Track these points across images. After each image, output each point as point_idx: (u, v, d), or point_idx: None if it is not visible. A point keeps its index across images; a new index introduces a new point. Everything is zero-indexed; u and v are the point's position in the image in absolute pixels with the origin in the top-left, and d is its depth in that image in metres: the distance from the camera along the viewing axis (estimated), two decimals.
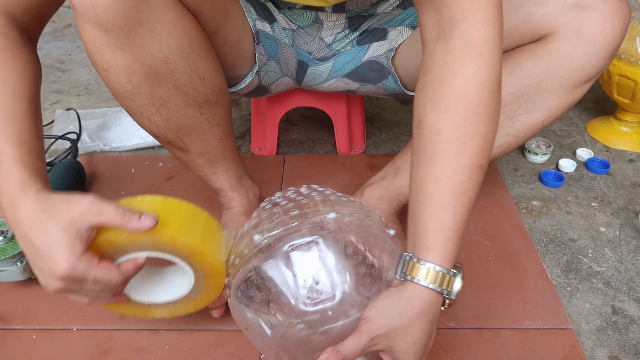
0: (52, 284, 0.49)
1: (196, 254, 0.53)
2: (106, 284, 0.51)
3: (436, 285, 0.49)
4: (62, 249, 0.47)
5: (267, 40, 0.77)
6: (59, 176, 0.88)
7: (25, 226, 0.48)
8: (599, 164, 1.03)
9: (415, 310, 0.49)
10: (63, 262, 0.47)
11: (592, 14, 0.62)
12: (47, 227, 0.48)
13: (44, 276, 0.50)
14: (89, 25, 0.53)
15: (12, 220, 0.49)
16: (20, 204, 0.49)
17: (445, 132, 0.50)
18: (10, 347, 0.67)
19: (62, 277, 0.48)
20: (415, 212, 0.52)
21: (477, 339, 0.68)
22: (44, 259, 0.48)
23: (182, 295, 0.59)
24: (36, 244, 0.48)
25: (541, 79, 0.67)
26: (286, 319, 0.52)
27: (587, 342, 0.70)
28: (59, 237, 0.47)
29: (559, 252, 0.84)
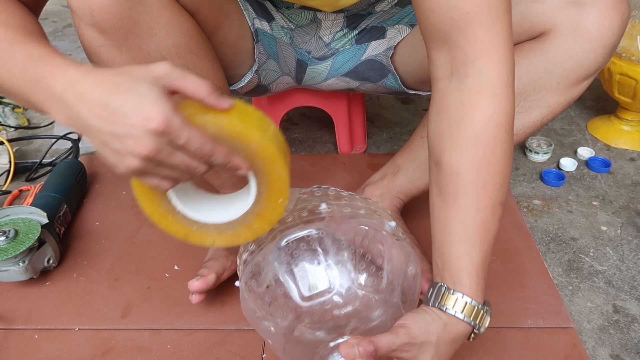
0: (130, 161, 0.43)
1: (267, 156, 0.48)
2: (195, 152, 0.44)
3: (470, 320, 0.52)
4: (154, 100, 0.41)
5: (266, 38, 0.77)
6: (60, 176, 0.88)
7: (96, 93, 0.42)
8: (600, 163, 1.03)
9: (450, 336, 0.52)
10: (157, 114, 0.41)
11: (590, 10, 0.62)
12: (129, 84, 0.42)
13: (124, 146, 0.42)
14: (86, 27, 0.53)
15: (75, 97, 0.42)
16: (82, 77, 0.43)
17: (466, 173, 0.53)
18: (12, 347, 0.67)
19: (155, 133, 0.41)
20: (442, 250, 0.55)
21: (479, 338, 0.68)
22: (129, 118, 0.41)
23: (242, 213, 0.53)
24: (116, 106, 0.41)
25: (539, 77, 0.67)
26: (287, 315, 0.52)
27: (589, 341, 0.70)
28: (148, 90, 0.41)
29: (560, 251, 0.84)
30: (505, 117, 0.53)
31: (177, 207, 0.52)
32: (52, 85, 0.44)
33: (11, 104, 1.21)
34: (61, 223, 0.81)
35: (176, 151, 0.44)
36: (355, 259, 0.54)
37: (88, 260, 0.80)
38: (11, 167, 0.97)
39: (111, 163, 0.45)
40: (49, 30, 1.66)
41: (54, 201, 0.81)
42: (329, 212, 0.55)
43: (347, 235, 0.55)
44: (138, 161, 0.43)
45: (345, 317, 0.52)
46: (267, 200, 0.51)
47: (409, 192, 0.78)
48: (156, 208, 0.52)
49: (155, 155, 0.43)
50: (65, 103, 0.43)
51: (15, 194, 0.93)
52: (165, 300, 0.73)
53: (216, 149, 0.45)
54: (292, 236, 0.54)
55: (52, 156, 1.04)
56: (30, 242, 0.70)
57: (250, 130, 0.46)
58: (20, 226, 0.73)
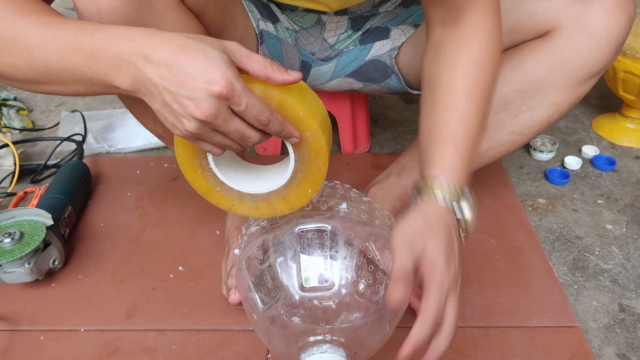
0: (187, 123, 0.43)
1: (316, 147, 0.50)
2: (254, 118, 0.44)
3: (445, 194, 0.53)
4: (219, 64, 0.42)
5: (270, 40, 0.77)
6: (65, 177, 0.88)
7: (163, 54, 0.42)
8: (605, 161, 1.02)
9: (430, 216, 0.53)
10: (221, 78, 0.42)
11: (596, 8, 0.62)
12: (197, 46, 0.42)
13: (184, 108, 0.43)
14: None
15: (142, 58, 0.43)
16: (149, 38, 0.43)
17: (459, 88, 0.57)
18: (18, 348, 0.67)
19: (217, 97, 0.42)
20: (427, 149, 0.57)
21: (484, 338, 0.68)
22: (193, 80, 0.42)
23: (269, 190, 0.54)
24: (181, 66, 0.42)
25: (545, 75, 0.66)
26: (280, 299, 0.53)
27: (595, 340, 0.69)
28: (216, 54, 0.42)
29: (566, 249, 0.84)
30: (497, 53, 0.59)
31: (210, 164, 0.53)
32: (116, 51, 0.44)
33: (16, 107, 1.22)
34: (66, 224, 0.81)
35: (234, 117, 0.44)
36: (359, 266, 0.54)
37: (93, 261, 0.80)
38: (16, 169, 0.98)
39: (169, 125, 0.45)
40: None
41: (58, 203, 0.82)
42: (348, 213, 0.56)
43: (358, 240, 0.55)
44: (195, 124, 0.43)
45: (334, 315, 0.52)
46: (298, 187, 0.52)
47: None
48: (190, 159, 0.53)
49: (212, 120, 0.43)
50: (132, 65, 0.43)
51: (20, 196, 0.93)
52: (170, 301, 0.73)
53: (274, 116, 0.46)
54: (307, 226, 0.54)
55: (57, 158, 1.04)
56: (36, 244, 0.71)
57: (310, 117, 0.47)
58: (25, 228, 0.73)
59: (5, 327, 0.70)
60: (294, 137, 0.48)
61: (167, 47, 0.43)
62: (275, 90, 0.46)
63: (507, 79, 0.68)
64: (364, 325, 0.53)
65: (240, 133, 0.45)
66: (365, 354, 0.57)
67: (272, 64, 0.45)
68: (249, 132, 0.46)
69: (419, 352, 0.50)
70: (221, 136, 0.46)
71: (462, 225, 0.55)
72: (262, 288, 0.54)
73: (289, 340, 0.54)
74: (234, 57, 0.45)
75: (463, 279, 0.76)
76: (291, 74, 0.46)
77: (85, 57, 0.45)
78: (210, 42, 0.44)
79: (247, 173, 0.57)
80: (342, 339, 0.53)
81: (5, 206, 0.93)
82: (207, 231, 0.85)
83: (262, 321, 0.55)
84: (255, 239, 0.57)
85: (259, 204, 0.55)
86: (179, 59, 0.42)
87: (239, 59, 0.45)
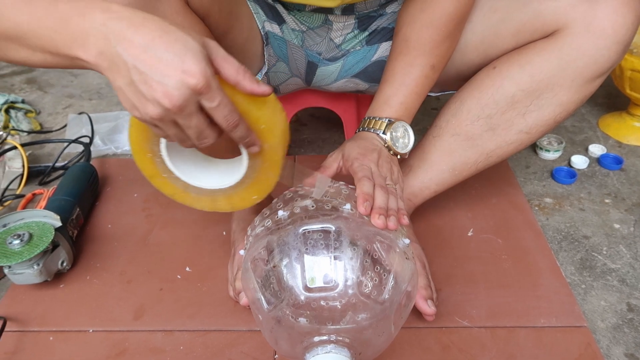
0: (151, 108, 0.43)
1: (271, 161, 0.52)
2: (223, 117, 0.45)
3: (365, 125, 0.69)
4: (200, 58, 0.42)
5: (276, 41, 0.77)
6: (72, 179, 0.89)
7: (141, 34, 0.41)
8: (612, 160, 1.02)
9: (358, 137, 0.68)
10: (199, 71, 0.41)
11: (603, 6, 0.61)
12: (178, 35, 0.42)
13: (151, 92, 0.42)
14: None
15: (115, 32, 0.42)
16: (128, 14, 0.42)
17: (412, 40, 0.69)
18: (27, 349, 0.68)
19: (191, 89, 0.42)
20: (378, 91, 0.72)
21: (491, 338, 0.68)
22: (168, 66, 0.41)
23: (238, 179, 0.55)
24: (158, 50, 0.41)
25: (552, 75, 0.66)
26: (285, 299, 0.53)
27: (603, 340, 0.69)
28: (196, 46, 0.42)
29: (573, 249, 0.83)
30: (461, 15, 0.68)
31: (162, 152, 0.52)
32: (90, 18, 0.42)
33: (24, 109, 1.23)
34: (74, 226, 0.82)
35: (199, 113, 0.44)
36: (364, 266, 0.54)
37: (101, 262, 0.81)
38: (24, 171, 0.99)
39: (127, 105, 0.44)
40: None
41: (66, 204, 0.82)
42: (352, 214, 0.56)
43: (363, 241, 0.55)
44: (159, 110, 0.43)
45: (340, 316, 0.53)
46: (244, 191, 0.54)
47: (420, 194, 0.77)
48: (142, 141, 0.52)
49: (178, 110, 0.43)
50: (102, 36, 0.42)
51: (28, 198, 0.94)
52: (177, 302, 0.74)
53: (242, 120, 0.46)
54: (311, 226, 0.54)
55: (65, 160, 1.05)
56: (44, 245, 0.71)
57: (270, 132, 0.49)
58: (34, 229, 0.74)
59: (15, 328, 0.71)
60: (255, 147, 0.49)
61: (145, 28, 0.42)
62: (241, 98, 0.46)
63: (514, 78, 0.68)
64: (369, 325, 0.53)
65: (200, 130, 0.45)
66: (370, 355, 0.57)
67: (245, 71, 0.45)
68: (207, 132, 0.46)
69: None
70: (178, 129, 0.45)
71: (392, 149, 0.67)
72: (268, 288, 0.55)
73: (294, 340, 0.54)
74: (211, 54, 0.44)
75: (469, 278, 0.76)
76: (261, 86, 0.46)
77: (56, 21, 0.44)
78: (192, 33, 0.43)
79: (197, 164, 0.56)
80: (347, 339, 0.53)
81: (14, 208, 0.94)
82: (213, 232, 0.85)
83: (268, 321, 0.55)
84: (260, 240, 0.57)
85: (202, 198, 0.55)
86: (157, 42, 0.41)
87: (214, 58, 0.44)
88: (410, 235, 0.77)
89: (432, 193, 0.78)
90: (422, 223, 0.85)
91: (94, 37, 0.42)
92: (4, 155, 1.01)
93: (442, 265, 0.78)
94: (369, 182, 0.59)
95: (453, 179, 0.76)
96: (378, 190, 0.58)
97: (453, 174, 0.76)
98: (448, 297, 0.73)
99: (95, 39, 0.42)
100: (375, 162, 0.63)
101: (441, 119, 0.75)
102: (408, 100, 0.69)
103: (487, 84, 0.70)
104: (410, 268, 0.56)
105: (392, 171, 0.65)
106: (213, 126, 0.46)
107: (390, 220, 0.55)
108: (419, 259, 0.73)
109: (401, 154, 0.68)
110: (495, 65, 0.71)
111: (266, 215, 0.60)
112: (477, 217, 0.88)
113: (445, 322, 0.70)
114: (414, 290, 0.57)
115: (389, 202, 0.58)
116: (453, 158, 0.75)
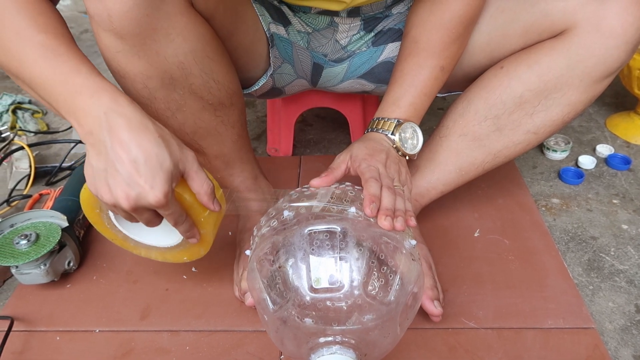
0: (114, 199, 0.50)
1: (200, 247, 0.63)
2: (172, 220, 0.55)
3: (374, 126, 0.68)
4: (167, 179, 0.50)
5: (281, 43, 0.77)
6: (79, 180, 0.89)
7: (131, 138, 0.48)
8: (620, 160, 1.01)
9: (366, 138, 0.67)
10: (161, 195, 0.49)
11: (612, 6, 0.61)
12: (161, 153, 0.49)
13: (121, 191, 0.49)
14: (104, 33, 0.53)
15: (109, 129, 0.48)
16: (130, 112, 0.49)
17: (422, 42, 0.68)
18: (34, 349, 0.68)
19: (150, 204, 0.50)
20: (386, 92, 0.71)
21: (498, 339, 0.68)
22: (142, 180, 0.49)
23: (173, 244, 0.64)
24: (140, 163, 0.48)
25: (561, 74, 0.66)
26: (291, 300, 0.53)
27: (611, 342, 0.68)
28: (169, 169, 0.50)
29: (580, 250, 0.83)
30: (470, 17, 0.68)
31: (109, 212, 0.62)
32: (96, 101, 0.49)
33: (31, 110, 1.23)
34: (81, 226, 0.82)
35: (150, 210, 0.53)
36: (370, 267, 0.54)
37: (107, 262, 0.81)
38: (31, 172, 0.99)
39: (90, 181, 0.51)
40: None
41: (73, 205, 0.82)
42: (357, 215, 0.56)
43: (369, 241, 0.55)
44: (114, 203, 0.51)
45: (345, 317, 0.52)
46: (177, 253, 0.65)
47: (426, 194, 0.77)
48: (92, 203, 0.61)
49: (131, 210, 0.51)
50: (99, 122, 0.48)
51: (35, 198, 0.94)
52: (183, 302, 0.74)
53: (187, 220, 0.57)
54: (317, 227, 0.54)
55: (71, 160, 1.05)
56: (51, 245, 0.72)
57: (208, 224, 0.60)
58: (41, 230, 0.74)
59: (22, 328, 0.71)
60: (194, 239, 0.60)
61: (138, 136, 0.48)
62: (198, 207, 0.57)
63: (522, 78, 0.68)
64: (374, 327, 0.53)
65: (148, 220, 0.55)
66: (376, 356, 0.56)
67: (208, 188, 0.55)
68: (155, 221, 0.55)
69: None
70: (127, 214, 0.54)
71: (401, 150, 0.66)
72: (273, 289, 0.55)
73: (299, 341, 0.54)
74: (185, 167, 0.53)
75: (476, 279, 0.76)
76: (214, 205, 0.56)
77: (67, 92, 0.49)
78: (173, 149, 0.51)
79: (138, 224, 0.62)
80: (353, 340, 0.53)
81: (21, 208, 0.94)
82: (219, 233, 0.84)
83: (273, 322, 0.55)
84: (266, 240, 0.57)
85: (139, 248, 0.66)
86: (140, 153, 0.48)
87: (188, 170, 0.53)
88: (417, 236, 0.76)
89: (438, 193, 0.77)
90: (428, 223, 0.85)
91: (92, 118, 0.49)
92: (12, 156, 1.02)
93: (448, 266, 0.78)
94: (376, 183, 0.58)
95: (460, 179, 0.76)
96: (385, 191, 0.58)
97: (460, 174, 0.75)
98: (454, 298, 0.73)
99: (92, 121, 0.49)
100: (383, 163, 0.62)
101: (448, 119, 0.75)
102: (417, 102, 0.68)
103: (494, 84, 0.70)
104: (417, 269, 0.56)
105: (400, 172, 0.64)
106: (159, 216, 0.55)
107: (397, 221, 0.55)
108: (425, 259, 0.73)
109: (410, 155, 0.67)
110: (503, 65, 0.70)
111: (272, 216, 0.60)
112: (484, 217, 0.88)
113: (452, 323, 0.70)
114: (420, 291, 0.57)
115: (396, 203, 0.57)
116: (460, 158, 0.74)
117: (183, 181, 0.55)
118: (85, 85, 0.49)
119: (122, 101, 0.49)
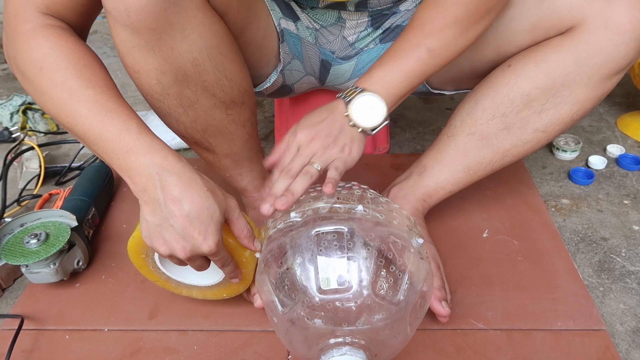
0: (170, 251, 0.54)
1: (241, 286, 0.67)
2: (221, 263, 0.59)
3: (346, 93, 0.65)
4: (217, 229, 0.54)
5: (291, 38, 0.77)
6: (88, 180, 0.90)
7: (184, 195, 0.52)
8: (631, 160, 1.00)
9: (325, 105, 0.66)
10: (213, 244, 0.54)
11: (620, 2, 0.60)
12: (211, 206, 0.53)
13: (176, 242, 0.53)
14: (121, 27, 0.53)
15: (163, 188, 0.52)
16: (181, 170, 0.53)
17: (415, 20, 0.65)
18: (43, 348, 0.69)
19: (204, 253, 0.54)
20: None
21: (507, 340, 0.67)
22: (195, 232, 0.53)
23: (214, 282, 0.66)
24: (192, 217, 0.52)
25: (569, 72, 0.65)
26: (300, 301, 0.53)
27: (622, 344, 0.68)
28: (219, 219, 0.54)
29: (591, 251, 0.82)
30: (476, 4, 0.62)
31: (155, 256, 0.64)
32: (148, 159, 0.52)
33: (40, 110, 1.24)
34: (90, 226, 0.83)
35: (201, 257, 0.57)
36: (378, 267, 0.53)
37: (116, 262, 0.81)
38: (41, 172, 1.00)
39: (146, 234, 0.55)
40: None
41: (82, 204, 0.83)
42: (364, 214, 0.56)
43: (376, 241, 0.55)
44: (170, 253, 0.55)
45: (355, 317, 0.52)
46: (217, 291, 0.68)
47: (434, 194, 0.77)
48: (139, 249, 0.63)
49: (186, 259, 0.56)
50: (152, 181, 0.52)
51: (45, 198, 0.95)
52: (191, 302, 0.74)
53: (232, 263, 0.60)
54: (324, 227, 0.54)
55: (81, 160, 1.06)
56: (61, 245, 0.72)
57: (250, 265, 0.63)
58: (50, 229, 0.75)
59: (32, 327, 0.71)
60: (237, 279, 0.63)
61: (189, 192, 0.52)
62: (240, 249, 0.61)
63: (529, 76, 0.67)
64: (384, 326, 0.53)
65: (199, 266, 0.59)
66: (386, 356, 0.56)
67: (248, 231, 0.59)
68: (204, 265, 0.59)
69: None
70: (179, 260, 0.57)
71: (352, 121, 0.64)
72: (282, 290, 0.54)
73: (309, 342, 0.54)
74: (229, 213, 0.57)
75: (485, 280, 0.75)
76: (255, 244, 0.60)
77: (119, 150, 0.53)
78: (219, 200, 0.55)
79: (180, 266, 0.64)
80: (362, 340, 0.52)
81: (30, 208, 0.95)
82: None
83: (283, 323, 0.55)
84: (274, 242, 0.57)
85: (180, 288, 0.68)
86: (193, 208, 0.52)
87: (230, 217, 0.57)
88: (425, 236, 0.76)
89: (447, 193, 0.77)
90: (436, 223, 0.84)
91: (145, 177, 0.53)
92: (22, 156, 1.03)
93: (456, 267, 0.78)
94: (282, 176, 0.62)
95: (468, 179, 0.76)
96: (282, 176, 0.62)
97: (468, 173, 0.75)
98: (463, 299, 0.73)
99: (146, 179, 0.53)
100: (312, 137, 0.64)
101: (456, 119, 0.75)
102: (391, 76, 0.64)
103: (502, 82, 0.69)
104: (425, 268, 0.55)
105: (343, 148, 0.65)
106: (209, 260, 0.59)
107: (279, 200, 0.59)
108: (433, 259, 0.73)
109: (364, 127, 0.64)
110: (510, 63, 0.70)
111: (279, 217, 0.60)
112: (493, 218, 0.87)
113: (460, 324, 0.69)
114: (429, 290, 0.56)
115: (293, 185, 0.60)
116: (468, 158, 0.74)
117: (225, 226, 0.58)
118: (137, 144, 0.52)
119: (172, 159, 0.53)
